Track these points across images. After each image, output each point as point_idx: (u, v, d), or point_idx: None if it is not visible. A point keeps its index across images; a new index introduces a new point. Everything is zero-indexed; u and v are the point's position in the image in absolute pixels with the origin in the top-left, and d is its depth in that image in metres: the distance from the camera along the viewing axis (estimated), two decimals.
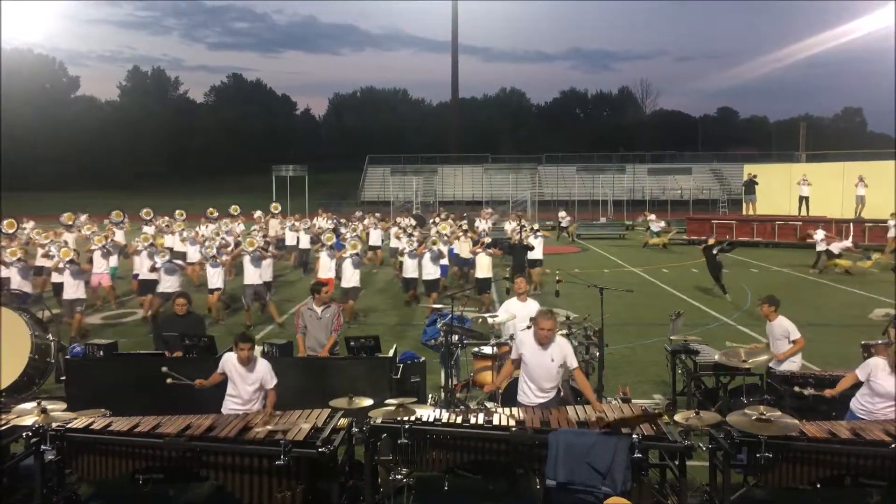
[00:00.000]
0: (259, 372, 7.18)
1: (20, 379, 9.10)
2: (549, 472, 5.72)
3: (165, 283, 13.90)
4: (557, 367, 6.86)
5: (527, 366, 6.94)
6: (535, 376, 6.88)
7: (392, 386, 8.35)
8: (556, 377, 6.92)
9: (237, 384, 7.16)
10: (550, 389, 6.91)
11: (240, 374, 7.15)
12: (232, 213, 24.75)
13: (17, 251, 13.77)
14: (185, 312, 9.26)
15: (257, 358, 7.28)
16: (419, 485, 6.37)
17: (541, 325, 6.84)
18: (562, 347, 6.91)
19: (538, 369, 6.85)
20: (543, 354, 6.85)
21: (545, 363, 6.84)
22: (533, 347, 6.88)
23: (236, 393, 7.18)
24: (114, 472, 6.29)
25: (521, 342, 7.05)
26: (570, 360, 6.93)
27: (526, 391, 6.97)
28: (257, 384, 7.16)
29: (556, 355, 6.85)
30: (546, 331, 6.79)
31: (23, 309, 10.28)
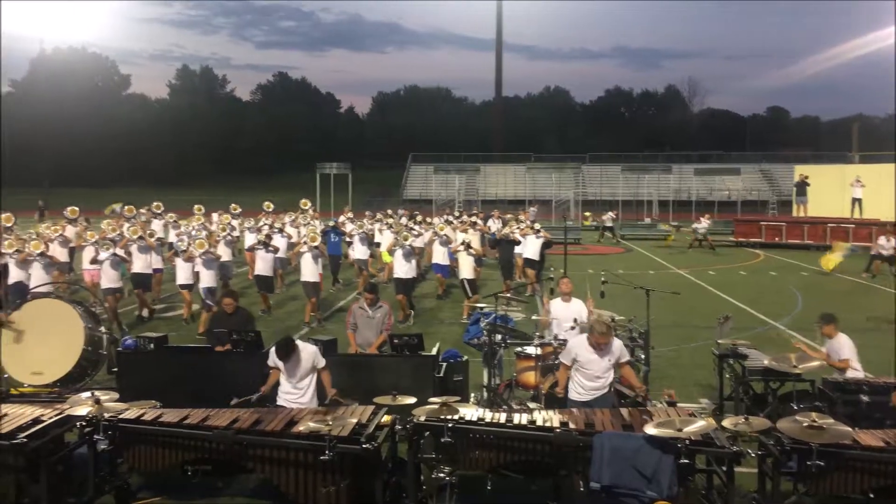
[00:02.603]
0: (306, 355, 7.30)
1: (74, 370, 9.35)
2: (593, 475, 5.68)
3: (108, 277, 13.99)
4: (612, 364, 7.06)
5: (580, 366, 7.07)
6: (588, 374, 7.04)
7: (435, 384, 8.36)
8: (610, 373, 7.11)
9: (287, 374, 7.29)
10: (604, 386, 7.10)
11: (287, 370, 7.28)
12: (302, 209, 24.28)
13: (39, 244, 14.22)
14: (233, 310, 9.38)
15: (302, 346, 7.40)
16: (462, 483, 6.37)
17: (597, 339, 6.98)
18: (616, 345, 7.11)
19: (592, 368, 7.02)
20: (597, 357, 7.01)
21: (604, 364, 7.03)
22: (587, 352, 7.03)
23: (288, 382, 7.31)
24: (163, 463, 6.44)
25: (575, 346, 7.18)
26: (624, 355, 7.17)
27: (579, 389, 7.11)
28: (308, 367, 7.28)
29: (613, 354, 7.06)
30: (598, 336, 6.97)
31: (77, 302, 10.57)
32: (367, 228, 19.86)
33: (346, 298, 17.43)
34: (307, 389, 7.34)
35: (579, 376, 7.13)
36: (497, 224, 24.09)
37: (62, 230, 17.56)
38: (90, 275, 15.18)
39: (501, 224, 23.27)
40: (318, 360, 7.44)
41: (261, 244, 15.89)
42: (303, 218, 22.55)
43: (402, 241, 15.45)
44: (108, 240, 15.08)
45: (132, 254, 15.03)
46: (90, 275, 15.18)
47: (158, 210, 21.82)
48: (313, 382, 7.38)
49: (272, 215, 21.73)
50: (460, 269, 15.81)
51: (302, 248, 15.08)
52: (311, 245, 14.79)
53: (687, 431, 5.63)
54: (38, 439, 6.21)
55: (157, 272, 16.46)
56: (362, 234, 18.81)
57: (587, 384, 7.08)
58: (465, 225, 19.68)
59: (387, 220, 21.75)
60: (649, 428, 5.72)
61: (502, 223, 23.57)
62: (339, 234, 19.61)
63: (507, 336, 9.19)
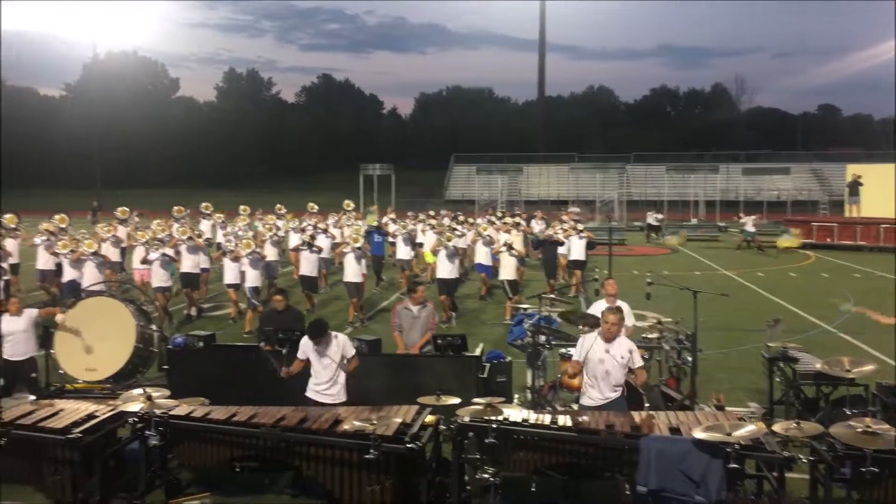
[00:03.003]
0: (336, 345, 7.37)
1: (126, 367, 9.58)
2: (639, 479, 5.62)
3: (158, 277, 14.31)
4: (625, 362, 6.85)
5: (591, 365, 6.90)
6: (599, 375, 6.85)
7: (479, 385, 8.35)
8: (621, 376, 6.90)
9: (315, 364, 7.36)
10: (615, 388, 6.89)
11: (318, 353, 7.33)
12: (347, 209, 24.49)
13: (92, 244, 14.58)
14: (283, 308, 9.48)
15: (334, 335, 7.47)
16: (506, 484, 6.36)
17: (606, 318, 6.86)
18: (627, 346, 6.92)
19: (603, 367, 6.83)
20: (609, 353, 6.83)
21: (611, 361, 6.82)
22: (598, 346, 6.86)
23: (316, 373, 7.39)
24: (212, 459, 6.56)
25: (587, 343, 6.99)
26: (636, 358, 6.93)
27: (590, 392, 6.95)
28: (337, 357, 7.32)
29: (623, 353, 6.85)
30: (611, 325, 6.80)
31: (129, 300, 10.83)
32: (409, 229, 19.95)
33: (390, 299, 17.53)
34: (336, 381, 7.38)
35: (588, 378, 6.97)
36: (541, 225, 23.98)
37: (114, 230, 18.01)
38: (140, 274, 15.54)
39: (545, 225, 23.16)
40: (348, 348, 7.49)
41: (305, 245, 16.08)
42: (346, 219, 22.76)
43: (445, 241, 15.48)
44: (158, 240, 15.45)
45: (181, 253, 15.34)
46: (140, 274, 15.54)
47: (207, 210, 22.22)
48: (342, 375, 7.44)
49: (316, 216, 21.97)
50: (502, 269, 15.77)
51: (345, 249, 15.23)
52: (353, 246, 14.94)
53: (736, 436, 5.54)
54: (93, 434, 6.39)
55: (205, 272, 16.77)
56: (405, 234, 18.90)
57: (597, 385, 6.89)
58: (507, 226, 19.62)
59: (429, 221, 21.82)
60: (698, 432, 5.64)
61: (546, 224, 23.46)
62: (382, 234, 19.75)
63: (551, 337, 9.13)
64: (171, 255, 14.73)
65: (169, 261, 14.58)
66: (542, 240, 18.23)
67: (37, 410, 6.77)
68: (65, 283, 14.70)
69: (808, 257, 27.00)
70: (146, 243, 15.52)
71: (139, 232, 17.83)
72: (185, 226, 18.27)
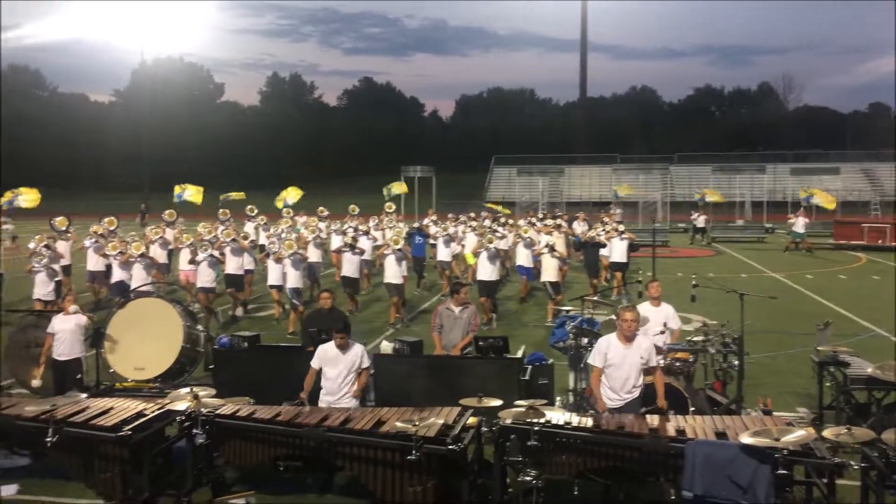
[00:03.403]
0: (352, 355, 7.48)
1: (173, 366, 9.77)
2: (685, 483, 5.54)
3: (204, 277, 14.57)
4: (643, 363, 6.89)
5: (611, 367, 6.91)
6: (619, 376, 6.87)
7: (520, 387, 8.33)
8: (640, 375, 6.93)
9: (329, 371, 7.46)
10: (634, 389, 6.92)
11: (333, 362, 7.44)
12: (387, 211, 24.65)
13: (140, 246, 14.90)
14: (330, 307, 9.54)
15: (352, 343, 7.57)
16: (548, 487, 6.31)
17: (623, 316, 6.86)
18: (645, 345, 6.94)
19: (623, 369, 6.85)
20: (628, 353, 6.85)
21: (631, 361, 6.85)
22: (617, 347, 6.88)
23: (327, 381, 7.48)
24: (256, 458, 6.65)
25: (605, 346, 7.00)
26: (652, 358, 6.96)
27: (609, 394, 6.94)
28: (349, 367, 7.43)
29: (643, 352, 6.88)
30: (629, 322, 6.81)
31: (176, 301, 11.05)
32: (450, 231, 19.98)
33: (431, 300, 17.57)
34: (348, 391, 7.47)
35: (607, 380, 6.96)
36: (583, 226, 23.81)
37: (162, 232, 18.41)
38: (185, 275, 15.91)
39: (587, 226, 23.00)
40: (364, 360, 7.58)
41: (347, 246, 16.21)
42: (387, 221, 22.89)
43: (486, 243, 15.47)
44: (205, 241, 15.74)
45: (225, 255, 15.60)
46: (185, 275, 15.91)
47: (252, 213, 22.53)
48: (354, 385, 7.51)
49: (357, 218, 22.14)
50: (544, 271, 15.67)
51: (386, 251, 15.34)
52: (394, 248, 15.03)
53: (785, 441, 5.41)
54: (142, 432, 6.53)
55: (249, 273, 17.01)
56: (446, 236, 18.94)
57: (616, 386, 6.91)
58: (549, 227, 19.52)
59: (470, 223, 21.82)
60: (745, 437, 5.53)
61: (588, 226, 23.30)
62: (423, 236, 19.81)
63: (594, 339, 9.04)
64: (217, 256, 15.00)
65: (215, 262, 14.86)
66: (584, 241, 18.13)
67: (88, 408, 6.94)
68: (113, 283, 15.08)
69: (858, 259, 26.33)
70: (192, 244, 15.84)
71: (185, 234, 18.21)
72: (230, 228, 18.57)
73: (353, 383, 7.51)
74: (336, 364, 7.46)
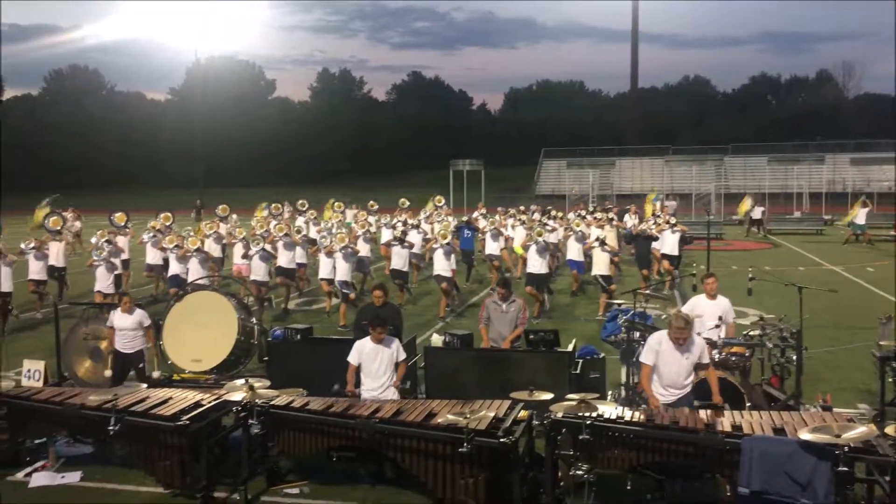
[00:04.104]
0: (389, 349, 7.56)
1: (229, 358, 9.98)
2: (741, 480, 5.44)
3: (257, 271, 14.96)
4: (693, 362, 6.82)
5: (662, 365, 6.86)
6: (669, 374, 6.82)
7: (571, 381, 8.27)
8: (690, 374, 6.87)
9: (368, 365, 7.53)
10: (685, 386, 6.87)
11: (370, 355, 7.51)
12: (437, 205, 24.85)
13: (196, 241, 15.21)
14: (382, 303, 9.59)
15: (388, 338, 7.65)
16: (600, 482, 6.27)
17: (674, 334, 6.75)
18: (697, 344, 6.86)
19: (675, 367, 6.80)
20: (680, 351, 6.77)
21: (682, 362, 6.79)
22: (669, 345, 6.81)
23: (367, 377, 7.54)
24: (310, 448, 6.76)
25: (656, 343, 6.92)
26: (705, 355, 6.89)
27: (660, 390, 6.88)
28: (388, 360, 7.52)
29: (693, 353, 6.80)
30: (680, 331, 6.71)
31: (231, 294, 11.27)
32: (499, 225, 19.96)
33: (480, 294, 17.56)
34: (388, 384, 7.51)
35: (658, 377, 6.90)
36: (634, 219, 23.52)
37: (216, 227, 18.83)
38: (238, 268, 16.25)
39: (638, 220, 22.71)
40: (400, 352, 7.65)
41: (396, 240, 16.32)
42: (437, 214, 22.96)
43: (535, 236, 15.40)
44: (258, 235, 16.04)
45: (277, 249, 15.86)
46: (238, 268, 16.25)
47: (303, 207, 22.84)
48: (391, 377, 7.56)
49: (408, 212, 22.26)
50: (595, 265, 15.55)
51: (434, 245, 15.41)
52: (442, 242, 15.08)
53: (846, 438, 5.27)
54: (199, 422, 6.69)
55: (301, 266, 17.25)
56: (494, 230, 18.94)
57: (667, 383, 6.84)
58: (600, 221, 19.32)
59: (520, 217, 21.75)
60: (804, 433, 5.40)
61: (639, 219, 23.00)
62: (472, 229, 19.82)
63: (646, 333, 8.92)
64: (269, 250, 15.26)
65: (268, 256, 15.14)
66: (636, 234, 17.92)
67: (148, 398, 7.13)
68: (170, 276, 15.49)
69: None
70: (244, 239, 16.16)
71: (238, 228, 18.60)
72: (282, 222, 18.87)
73: (393, 376, 7.57)
74: (374, 359, 7.52)
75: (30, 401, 7.38)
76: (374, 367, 7.52)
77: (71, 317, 11.96)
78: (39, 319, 14.93)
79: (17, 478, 7.30)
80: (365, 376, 7.57)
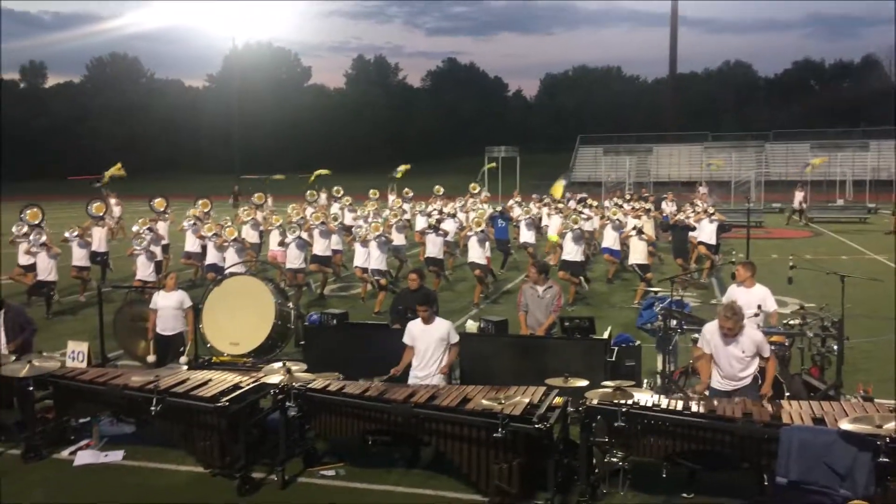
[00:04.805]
0: (438, 329, 7.57)
1: (266, 342, 10.11)
2: (779, 469, 5.38)
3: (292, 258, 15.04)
4: (748, 357, 6.71)
5: (716, 356, 6.82)
6: (723, 365, 6.78)
7: (606, 368, 8.24)
8: (747, 367, 6.76)
9: (418, 345, 7.57)
10: (743, 378, 6.77)
11: (420, 336, 7.56)
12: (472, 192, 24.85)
13: (233, 231, 15.41)
14: (417, 287, 9.63)
15: (439, 319, 7.68)
16: (635, 469, 6.25)
17: (721, 323, 6.68)
18: (752, 338, 6.74)
19: (726, 359, 6.75)
20: (731, 346, 6.70)
21: (734, 354, 6.71)
22: (720, 337, 6.76)
23: (416, 357, 7.58)
24: (346, 432, 6.85)
25: (709, 333, 6.88)
26: (763, 349, 6.75)
27: (719, 379, 6.85)
28: (441, 342, 7.53)
29: (746, 346, 6.70)
30: (727, 329, 6.64)
31: (268, 279, 11.41)
32: (533, 213, 19.91)
33: (515, 280, 17.54)
34: (436, 367, 7.54)
35: (718, 369, 6.85)
36: (671, 207, 23.25)
37: (253, 214, 19.08)
38: (274, 254, 16.49)
39: (675, 208, 22.44)
40: (453, 335, 7.64)
41: (431, 228, 16.38)
42: (472, 202, 22.96)
43: (571, 224, 15.33)
44: (294, 223, 16.21)
45: (313, 237, 16.02)
46: (274, 254, 16.49)
47: (338, 194, 22.99)
48: (440, 359, 7.57)
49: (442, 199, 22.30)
50: (632, 253, 15.44)
51: (468, 233, 15.45)
52: (476, 230, 15.11)
53: (888, 428, 5.19)
54: (238, 404, 6.81)
55: (337, 253, 17.40)
56: (528, 218, 18.93)
57: (721, 373, 6.81)
58: (637, 211, 19.14)
59: (555, 205, 21.65)
60: (844, 423, 5.33)
61: (676, 207, 22.73)
62: (506, 218, 19.80)
63: (683, 321, 8.84)
64: (305, 238, 15.43)
65: (303, 244, 15.31)
66: (673, 223, 17.75)
67: (188, 380, 7.28)
68: (207, 264, 15.76)
69: None
70: (281, 226, 16.36)
71: (275, 216, 18.83)
72: (319, 210, 19.05)
73: (442, 359, 7.56)
74: (423, 338, 7.56)
75: (75, 381, 7.58)
76: (423, 348, 7.55)
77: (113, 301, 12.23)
78: (82, 303, 15.30)
79: (63, 456, 7.52)
80: (414, 358, 7.63)
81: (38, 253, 14.45)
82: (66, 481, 6.99)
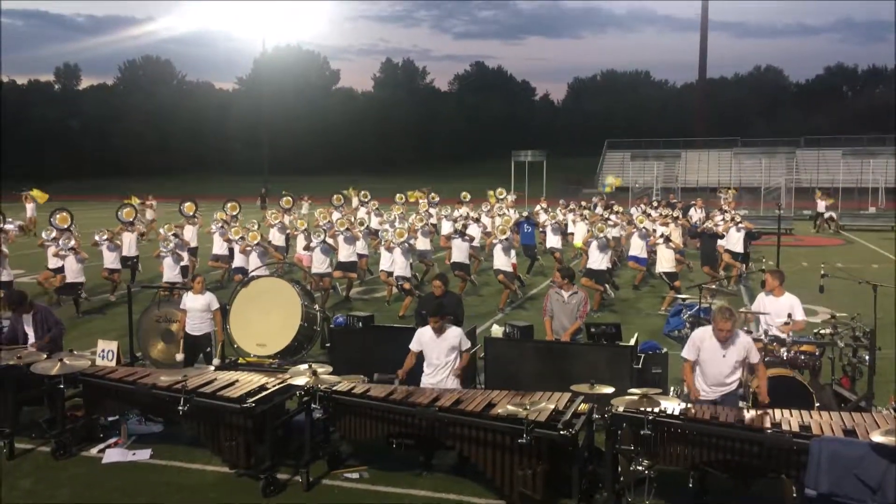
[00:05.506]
0: (448, 338, 7.55)
1: (292, 343, 10.18)
2: (809, 481, 5.29)
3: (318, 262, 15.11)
4: (738, 362, 6.67)
5: (704, 362, 6.76)
6: (712, 372, 6.71)
7: (633, 375, 8.17)
8: (734, 372, 6.72)
9: (429, 353, 7.58)
10: (729, 384, 6.74)
11: (429, 344, 7.57)
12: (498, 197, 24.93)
13: (256, 235, 15.54)
14: (441, 293, 9.62)
15: (448, 327, 7.65)
16: (661, 478, 6.19)
17: (719, 326, 6.59)
18: (743, 342, 6.68)
19: (715, 365, 6.68)
20: (723, 350, 6.64)
21: (725, 358, 6.66)
22: (712, 342, 6.68)
23: (428, 365, 7.60)
24: (370, 434, 6.86)
25: (699, 339, 6.81)
26: (752, 355, 6.71)
27: (703, 386, 6.80)
28: (451, 348, 7.53)
29: (738, 351, 6.64)
30: (724, 332, 6.56)
31: (295, 281, 11.49)
32: (559, 219, 19.87)
33: (541, 286, 17.47)
34: (449, 373, 7.54)
35: (701, 373, 6.78)
36: (699, 213, 23.03)
37: (281, 217, 19.24)
38: (300, 257, 16.64)
39: (704, 215, 22.23)
40: (464, 342, 7.64)
41: (456, 233, 16.39)
42: (498, 208, 22.97)
43: (596, 232, 15.23)
44: (320, 227, 16.32)
45: (338, 242, 16.13)
46: (300, 257, 16.64)
47: (365, 199, 23.08)
48: (452, 364, 7.57)
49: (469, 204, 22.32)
50: (659, 262, 15.30)
51: (493, 240, 15.43)
52: (501, 237, 15.14)
53: None
54: (264, 405, 6.85)
55: (363, 257, 17.48)
56: (555, 223, 18.87)
57: (709, 380, 6.74)
58: (665, 219, 18.98)
59: (581, 212, 21.56)
60: (876, 435, 5.23)
61: (705, 214, 22.52)
62: (532, 224, 19.77)
63: None
64: (330, 243, 15.54)
65: (329, 249, 15.40)
66: (701, 231, 17.58)
67: (215, 380, 7.35)
68: (235, 267, 15.93)
69: None
70: (306, 230, 16.49)
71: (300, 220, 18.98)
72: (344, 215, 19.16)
73: (453, 366, 7.59)
74: (433, 346, 7.58)
75: (105, 379, 7.68)
76: (434, 356, 7.58)
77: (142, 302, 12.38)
78: (112, 302, 15.51)
79: (92, 453, 7.62)
80: (425, 364, 7.65)
81: (66, 256, 14.67)
82: (94, 479, 7.08)
